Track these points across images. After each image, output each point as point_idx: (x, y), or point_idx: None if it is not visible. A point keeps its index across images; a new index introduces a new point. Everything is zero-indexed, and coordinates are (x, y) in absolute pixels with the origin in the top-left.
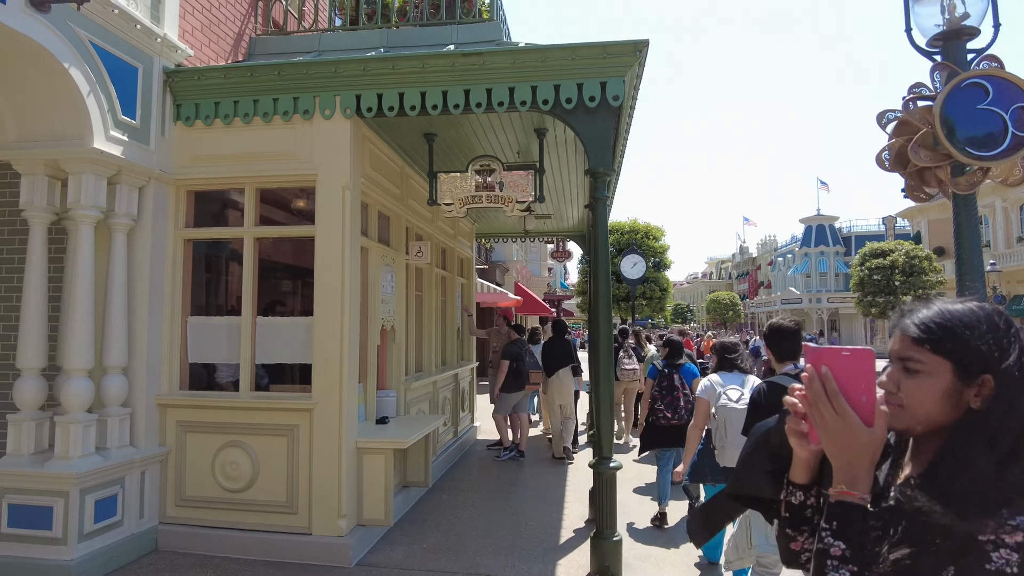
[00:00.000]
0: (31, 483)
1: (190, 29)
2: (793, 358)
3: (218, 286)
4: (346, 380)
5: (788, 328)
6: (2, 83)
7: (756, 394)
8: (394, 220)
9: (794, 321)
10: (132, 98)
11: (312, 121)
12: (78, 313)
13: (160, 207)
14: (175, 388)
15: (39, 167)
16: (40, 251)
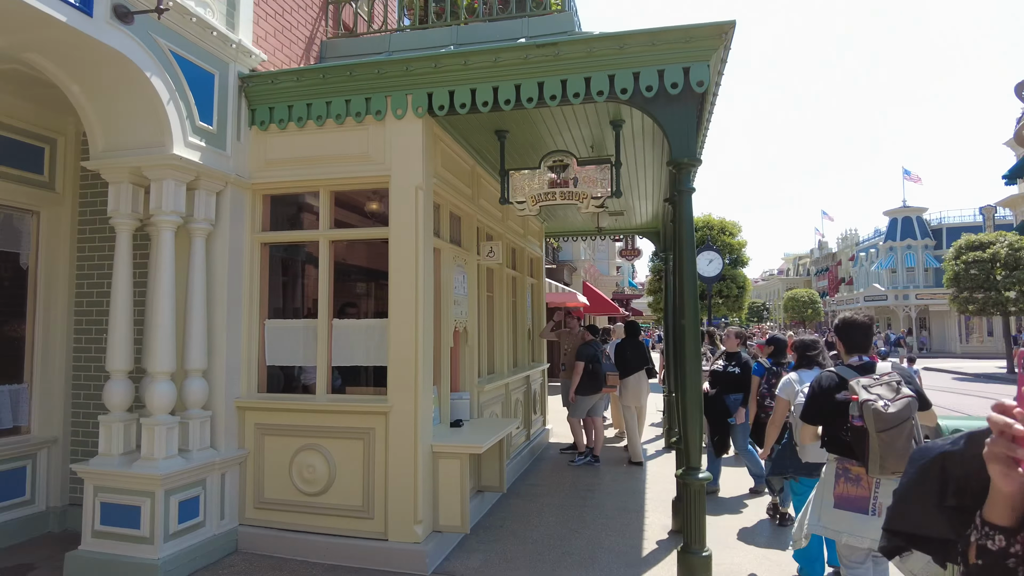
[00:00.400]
0: (120, 483)
1: (263, 35)
2: (863, 351)
3: (294, 289)
4: (421, 383)
5: (860, 322)
6: (91, 95)
7: (816, 381)
8: (465, 220)
9: (866, 316)
10: (209, 104)
11: (384, 121)
12: (160, 317)
13: (237, 211)
14: (253, 391)
15: (124, 175)
16: (126, 257)
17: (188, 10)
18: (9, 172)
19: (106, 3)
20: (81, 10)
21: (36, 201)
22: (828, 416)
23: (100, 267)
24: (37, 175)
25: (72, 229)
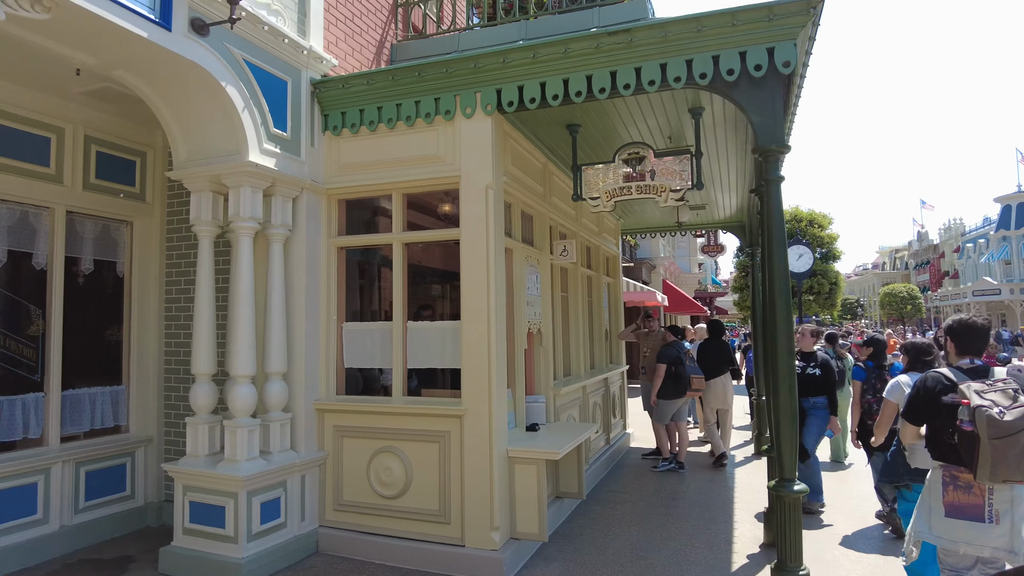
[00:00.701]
0: (206, 483)
1: (334, 40)
2: (976, 355)
3: (370, 292)
4: (495, 386)
5: (978, 325)
6: (172, 106)
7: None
8: (537, 219)
9: (984, 318)
10: (283, 111)
11: (454, 121)
12: (240, 321)
13: (313, 216)
14: (332, 393)
15: (204, 183)
16: (208, 263)
17: (260, 19)
18: (110, 186)
19: (183, 17)
20: (161, 25)
21: (129, 212)
22: (932, 418)
23: (186, 273)
24: (130, 187)
25: (161, 237)
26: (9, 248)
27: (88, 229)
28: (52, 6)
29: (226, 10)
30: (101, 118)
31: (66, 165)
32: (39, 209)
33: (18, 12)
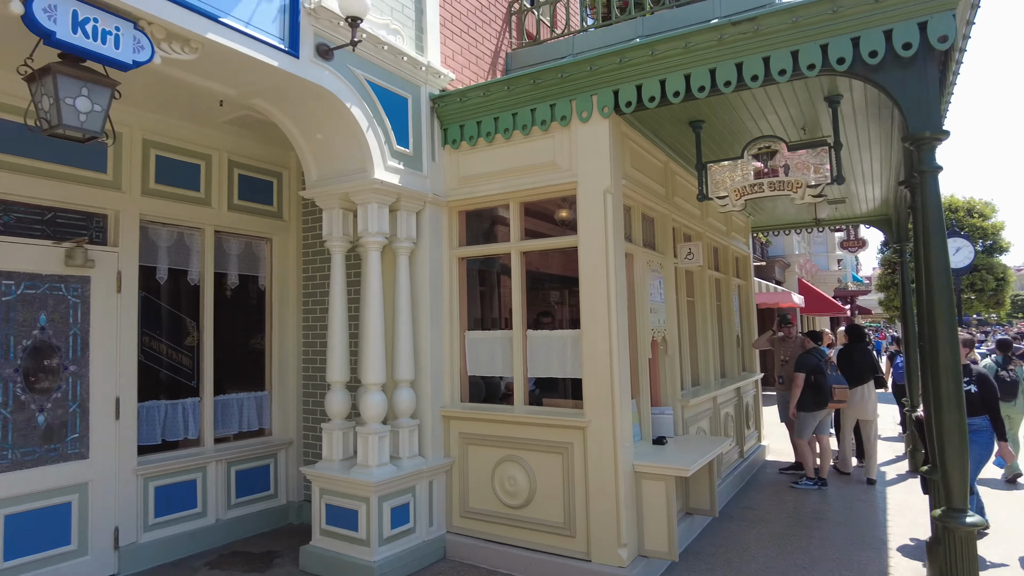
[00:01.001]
0: (340, 487)
1: (451, 54)
2: None
3: (490, 299)
4: (618, 397)
5: None
6: (303, 130)
7: None
8: (659, 221)
9: None
10: (404, 127)
11: (570, 126)
12: (370, 332)
13: (435, 228)
14: (456, 400)
15: (335, 201)
16: (340, 277)
17: (380, 39)
18: (250, 206)
19: (310, 44)
20: (290, 54)
21: (269, 229)
22: None
23: (320, 285)
24: (269, 206)
25: (297, 253)
26: (169, 267)
27: (233, 246)
28: (198, 46)
29: (348, 34)
30: (242, 144)
31: (213, 189)
32: (192, 230)
33: (170, 55)
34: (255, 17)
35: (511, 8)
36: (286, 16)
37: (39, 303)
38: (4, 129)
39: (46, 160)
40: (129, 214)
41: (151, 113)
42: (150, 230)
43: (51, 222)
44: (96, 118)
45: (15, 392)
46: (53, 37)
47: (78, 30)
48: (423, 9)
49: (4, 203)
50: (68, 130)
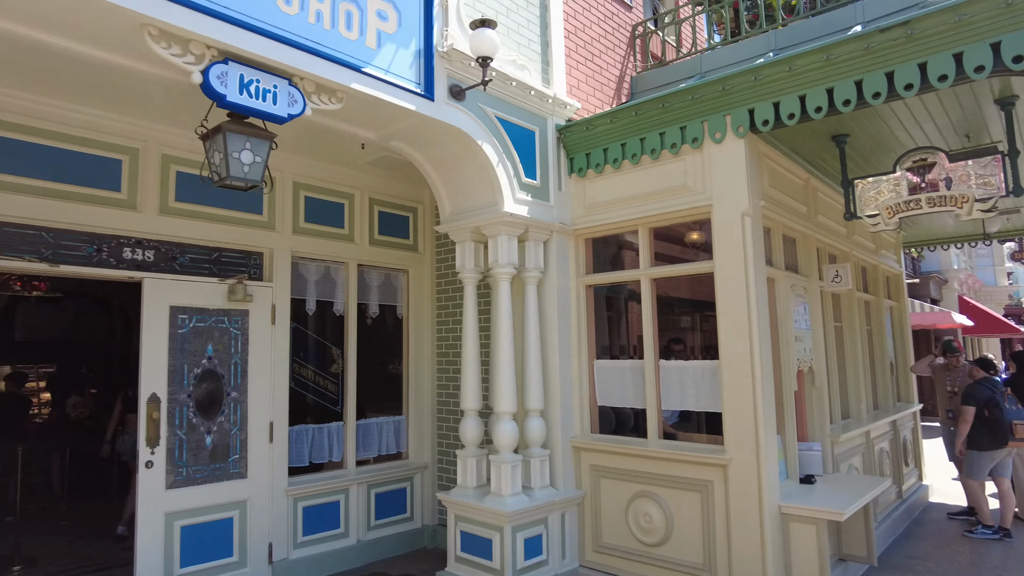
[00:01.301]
0: (474, 515)
1: (575, 83)
2: None
3: (618, 326)
4: (762, 433)
5: None
6: (437, 167)
7: None
8: (801, 242)
9: None
10: (532, 160)
11: (702, 148)
12: (501, 361)
13: (562, 257)
14: (587, 431)
15: (467, 235)
16: (472, 307)
17: (508, 75)
18: (389, 240)
19: (443, 87)
20: (426, 97)
21: (406, 262)
22: None
23: (453, 314)
24: (405, 240)
25: (431, 282)
26: (317, 299)
27: (373, 278)
28: (343, 96)
29: (478, 73)
30: (380, 182)
31: (356, 225)
32: (337, 264)
33: (319, 106)
34: (393, 64)
35: (635, 32)
36: (421, 61)
37: (207, 335)
38: (183, 181)
39: (214, 206)
40: (282, 251)
41: (300, 158)
42: (300, 265)
43: (217, 261)
44: (257, 169)
45: (188, 416)
46: (224, 100)
47: (243, 91)
48: (548, 42)
49: (181, 246)
50: (234, 181)
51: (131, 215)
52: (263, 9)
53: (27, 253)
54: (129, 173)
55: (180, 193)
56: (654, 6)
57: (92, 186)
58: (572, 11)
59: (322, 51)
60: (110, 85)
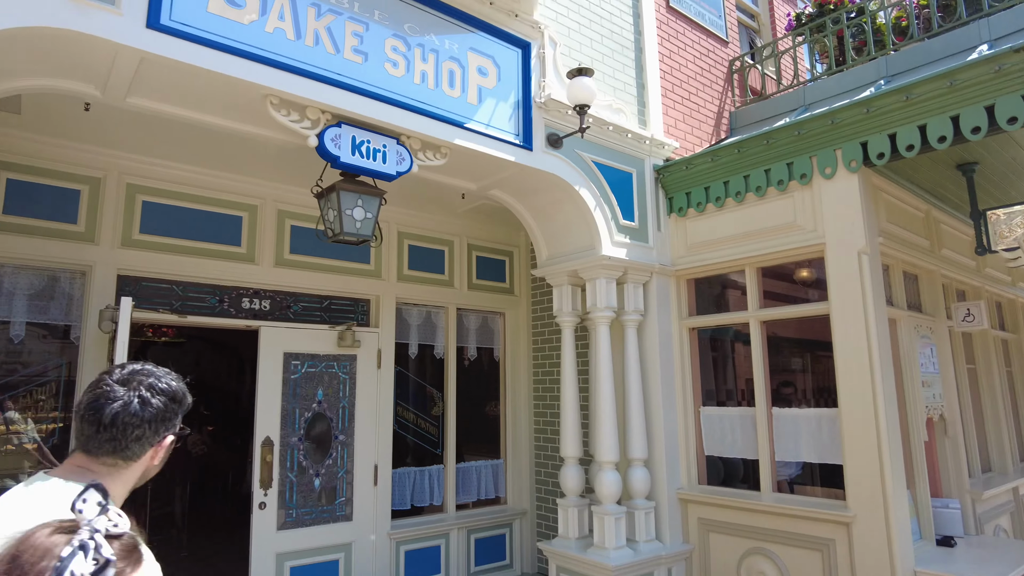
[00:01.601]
0: (576, 566)
1: (672, 123)
2: None
3: (724, 370)
4: (891, 489)
5: None
6: (534, 213)
7: None
8: (924, 278)
9: None
10: (629, 201)
11: (811, 184)
12: (602, 409)
13: (663, 299)
14: (693, 482)
15: (564, 278)
16: (571, 352)
17: (605, 120)
18: (486, 284)
19: (541, 136)
20: (524, 147)
21: (502, 305)
22: None
23: (549, 357)
24: (502, 283)
25: (527, 325)
26: (419, 342)
27: (471, 321)
28: (447, 151)
29: (575, 121)
30: (477, 228)
31: (455, 270)
32: (438, 308)
33: (425, 162)
34: (493, 118)
35: (731, 67)
36: (519, 112)
37: (317, 380)
38: (296, 234)
39: (325, 257)
40: (388, 298)
41: (404, 209)
42: (403, 310)
43: (327, 308)
44: (368, 224)
45: (298, 459)
46: (338, 161)
47: (355, 152)
48: (644, 84)
49: (294, 295)
50: (347, 236)
51: (250, 267)
52: (373, 74)
53: (160, 304)
54: (248, 228)
55: (294, 245)
56: (750, 39)
57: (216, 241)
58: (667, 51)
59: (427, 110)
60: (233, 150)
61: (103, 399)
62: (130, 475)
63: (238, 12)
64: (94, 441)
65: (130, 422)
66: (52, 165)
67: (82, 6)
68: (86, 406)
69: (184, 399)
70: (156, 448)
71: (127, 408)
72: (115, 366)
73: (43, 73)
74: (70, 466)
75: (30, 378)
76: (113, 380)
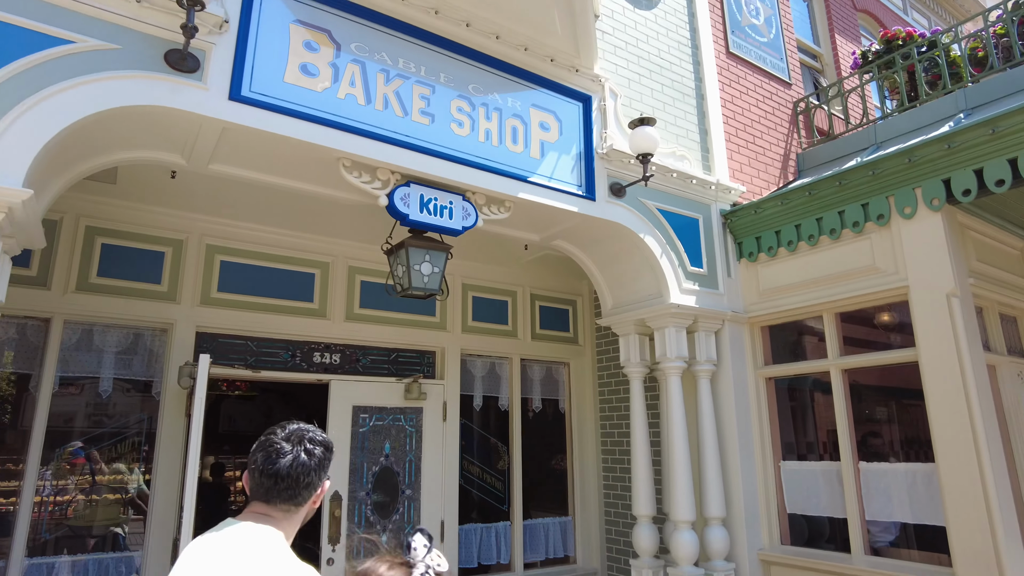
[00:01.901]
0: None
1: (738, 167)
2: None
3: (803, 420)
4: (1004, 552)
5: None
6: (598, 262)
7: None
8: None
9: None
10: (696, 248)
11: (889, 225)
12: (676, 466)
13: (736, 348)
14: (776, 542)
15: (631, 328)
16: (640, 405)
17: (668, 167)
18: (549, 334)
19: (604, 186)
20: (587, 197)
21: (567, 355)
22: None
23: (617, 408)
24: (565, 333)
25: (593, 375)
26: (484, 394)
27: (536, 372)
28: (511, 205)
29: (638, 169)
30: (540, 277)
31: (518, 321)
32: (501, 359)
33: (490, 216)
34: (556, 171)
35: (796, 108)
36: (581, 163)
37: (384, 433)
38: (366, 289)
39: (392, 310)
40: (452, 350)
41: (468, 261)
42: (468, 362)
43: (394, 361)
44: (435, 278)
45: (366, 513)
46: (407, 219)
47: (423, 209)
48: (707, 129)
49: (363, 348)
50: (416, 291)
51: (321, 322)
52: (439, 134)
53: (235, 360)
54: (321, 285)
55: (364, 300)
56: (814, 79)
57: (290, 298)
58: (729, 96)
59: (492, 166)
60: (306, 210)
61: (277, 455)
62: (299, 518)
63: (312, 81)
64: (273, 491)
65: (302, 472)
66: (140, 229)
67: (174, 84)
68: (263, 462)
69: (333, 447)
70: (319, 492)
71: (297, 460)
72: (276, 427)
73: (137, 146)
74: (252, 513)
75: (117, 431)
76: (280, 439)
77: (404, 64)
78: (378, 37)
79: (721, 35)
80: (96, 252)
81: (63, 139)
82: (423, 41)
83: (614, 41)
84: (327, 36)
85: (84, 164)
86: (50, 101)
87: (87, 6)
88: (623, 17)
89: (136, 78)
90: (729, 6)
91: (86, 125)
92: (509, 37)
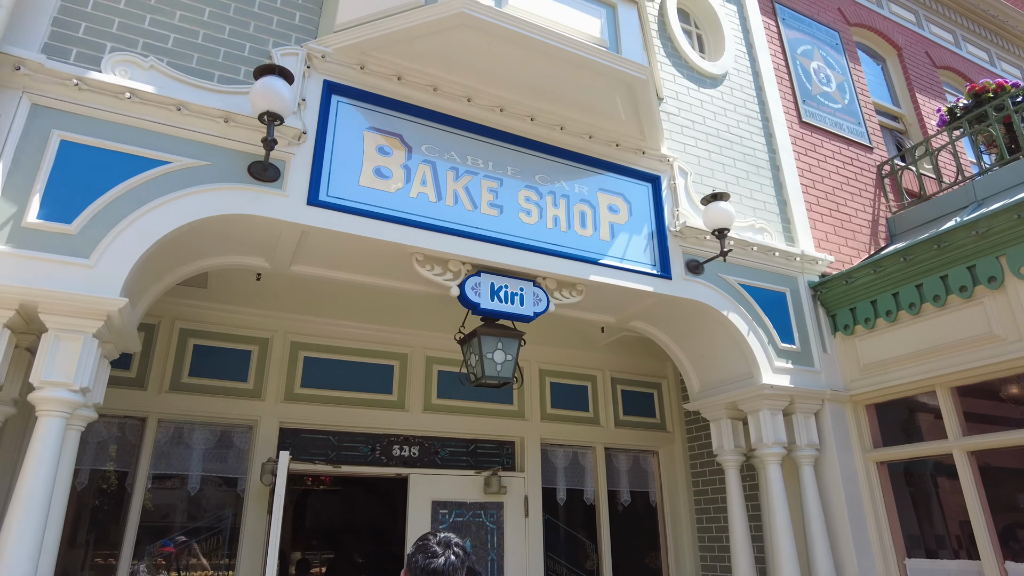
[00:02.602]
0: None
1: (823, 236)
2: None
3: (930, 512)
4: None
5: None
6: (680, 342)
7: None
8: None
9: None
10: (786, 323)
11: (1003, 288)
12: (781, 562)
13: (840, 429)
14: None
15: (721, 411)
16: (738, 496)
17: (747, 241)
18: (634, 420)
19: (679, 263)
20: (662, 276)
21: (654, 442)
22: None
23: (713, 500)
24: (652, 419)
25: (685, 464)
26: (567, 487)
27: (622, 462)
28: (583, 289)
29: (715, 245)
30: (620, 361)
31: (600, 407)
32: (584, 449)
33: (561, 301)
34: (628, 252)
35: (881, 171)
36: (654, 242)
37: (464, 529)
38: (443, 379)
39: (469, 400)
40: (532, 439)
41: (544, 346)
42: (548, 452)
43: (473, 452)
44: (509, 366)
45: None
46: (479, 308)
47: (494, 298)
48: (786, 200)
49: (441, 440)
50: (489, 380)
51: (400, 414)
52: (507, 224)
53: (316, 456)
54: (399, 376)
55: (441, 390)
56: (897, 141)
57: (369, 391)
58: (807, 165)
59: (561, 251)
60: (383, 303)
61: (434, 557)
62: None
63: (386, 182)
64: None
65: (451, 570)
66: (229, 330)
67: (258, 194)
68: (424, 564)
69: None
70: None
71: (448, 561)
72: (428, 534)
73: (224, 252)
74: None
75: (204, 527)
76: (435, 544)
77: (472, 161)
78: (447, 137)
79: (792, 105)
80: (188, 353)
81: (157, 250)
82: (490, 138)
83: (680, 121)
84: (399, 140)
85: (177, 271)
86: (147, 217)
87: (182, 130)
88: (688, 97)
89: (222, 190)
90: (798, 77)
91: (177, 236)
92: (573, 127)
